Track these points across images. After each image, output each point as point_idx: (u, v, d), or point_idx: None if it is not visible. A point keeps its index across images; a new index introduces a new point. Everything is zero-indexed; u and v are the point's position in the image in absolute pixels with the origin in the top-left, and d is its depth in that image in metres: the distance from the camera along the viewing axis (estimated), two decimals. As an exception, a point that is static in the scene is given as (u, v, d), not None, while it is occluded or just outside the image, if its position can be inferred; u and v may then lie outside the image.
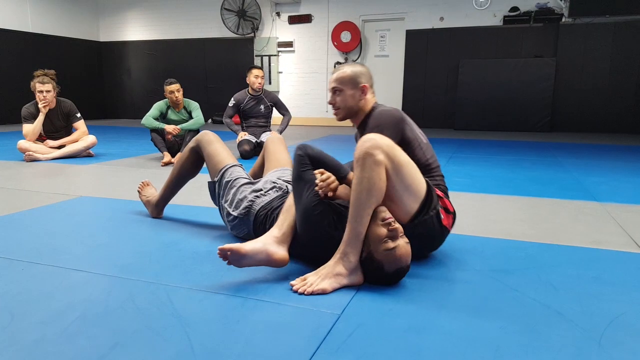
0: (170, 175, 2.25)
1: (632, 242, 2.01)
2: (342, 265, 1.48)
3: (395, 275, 1.48)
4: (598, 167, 4.10)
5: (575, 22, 7.69)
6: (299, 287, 1.45)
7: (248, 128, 4.86)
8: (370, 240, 1.47)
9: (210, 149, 2.09)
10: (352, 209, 1.49)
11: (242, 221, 1.90)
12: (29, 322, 1.27)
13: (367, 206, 1.47)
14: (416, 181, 1.58)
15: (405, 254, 1.46)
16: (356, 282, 1.50)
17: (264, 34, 9.65)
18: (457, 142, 6.29)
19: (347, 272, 1.48)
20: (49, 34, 9.66)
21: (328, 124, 9.44)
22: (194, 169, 2.21)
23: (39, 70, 4.36)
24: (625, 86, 7.60)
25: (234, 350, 1.12)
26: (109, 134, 7.17)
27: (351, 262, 1.48)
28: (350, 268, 1.48)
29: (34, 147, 4.30)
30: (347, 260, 1.48)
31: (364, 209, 1.47)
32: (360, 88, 1.82)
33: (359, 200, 1.47)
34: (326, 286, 1.45)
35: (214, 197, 2.08)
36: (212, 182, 2.07)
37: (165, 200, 2.31)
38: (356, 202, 1.47)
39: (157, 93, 5.15)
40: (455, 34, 8.34)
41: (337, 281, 1.47)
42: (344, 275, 1.48)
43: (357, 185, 1.48)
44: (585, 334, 1.22)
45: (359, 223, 1.47)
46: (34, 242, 1.95)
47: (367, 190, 1.46)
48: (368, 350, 1.13)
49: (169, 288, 1.48)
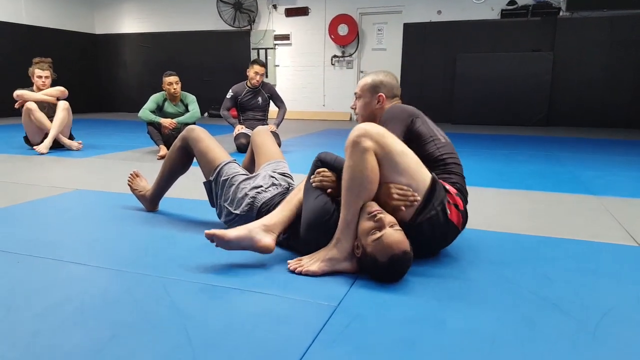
0: (160, 171, 2.22)
1: (628, 235, 2.02)
2: (335, 251, 1.52)
3: (392, 266, 1.43)
4: (594, 161, 4.12)
5: (573, 16, 7.68)
6: (293, 266, 1.53)
7: (245, 121, 4.84)
8: (360, 235, 1.48)
9: (201, 146, 2.02)
10: (342, 197, 1.53)
11: (242, 218, 1.86)
12: (26, 315, 1.26)
13: (354, 193, 1.50)
14: (413, 169, 1.55)
15: (394, 241, 1.41)
16: (348, 269, 1.52)
17: (261, 27, 9.61)
18: (454, 136, 6.29)
19: (339, 257, 1.51)
20: (44, 26, 9.58)
21: (325, 118, 9.43)
22: (183, 167, 2.18)
23: (37, 57, 4.43)
24: (622, 80, 7.61)
25: (231, 341, 1.13)
26: (105, 127, 7.14)
27: (344, 248, 1.51)
28: (343, 254, 1.51)
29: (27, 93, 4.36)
30: (340, 246, 1.52)
31: (351, 196, 1.50)
32: (377, 97, 1.90)
33: (346, 188, 1.51)
34: (316, 269, 1.50)
35: (211, 197, 2.03)
36: (207, 181, 2.01)
37: (159, 195, 2.29)
38: (345, 191, 1.52)
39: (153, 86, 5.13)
40: (452, 28, 8.32)
41: (328, 265, 1.51)
42: (337, 260, 1.51)
43: (345, 174, 1.52)
44: (580, 325, 1.22)
45: (348, 211, 1.51)
46: (29, 235, 1.94)
47: (353, 179, 1.49)
48: (365, 342, 1.13)
49: (166, 280, 1.48)
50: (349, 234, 1.51)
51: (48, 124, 4.35)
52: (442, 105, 8.56)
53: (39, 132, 4.40)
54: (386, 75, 1.93)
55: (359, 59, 9.13)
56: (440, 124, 8.17)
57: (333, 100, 9.40)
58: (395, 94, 1.94)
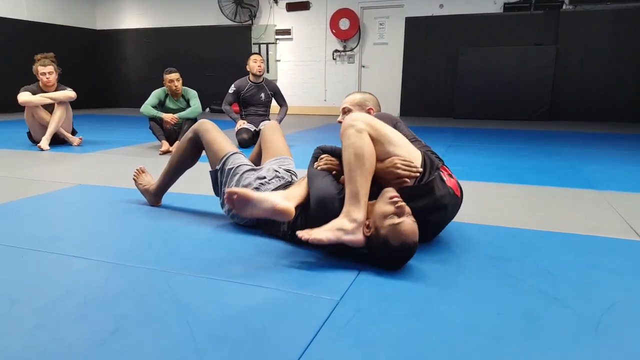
0: (168, 164, 2.24)
1: (630, 229, 2.02)
2: (345, 221, 1.54)
3: (401, 252, 1.48)
4: (597, 155, 4.10)
5: (576, 9, 7.63)
6: (303, 234, 1.53)
7: (247, 116, 4.84)
8: (377, 217, 1.50)
9: (209, 137, 2.08)
10: (345, 174, 1.58)
11: None
12: (30, 308, 1.27)
13: (357, 167, 1.55)
14: (407, 143, 1.70)
15: (410, 231, 1.47)
16: (355, 241, 1.53)
17: (262, 22, 9.58)
18: (456, 130, 6.28)
19: (348, 228, 1.53)
20: (45, 22, 9.57)
21: (326, 113, 9.41)
22: (192, 159, 2.20)
23: (38, 54, 4.37)
24: (625, 74, 7.57)
25: (234, 335, 1.13)
26: (107, 123, 7.15)
27: (354, 219, 1.53)
28: (352, 223, 1.53)
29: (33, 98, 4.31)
30: (350, 218, 1.54)
31: (354, 171, 1.55)
32: (366, 110, 2.08)
33: (348, 165, 1.57)
34: (322, 237, 1.51)
35: (216, 186, 2.07)
36: (213, 170, 2.05)
37: (164, 189, 2.30)
38: (347, 168, 1.58)
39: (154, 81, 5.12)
40: (455, 21, 8.28)
41: (336, 235, 1.52)
42: (345, 231, 1.52)
43: (345, 153, 1.60)
44: (582, 320, 1.23)
45: (353, 184, 1.55)
46: (33, 230, 1.95)
47: (354, 154, 1.56)
48: (367, 336, 1.14)
49: (169, 274, 1.49)
50: (358, 205, 1.54)
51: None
52: (444, 99, 8.54)
53: (42, 129, 4.40)
54: (370, 95, 2.17)
55: (361, 53, 9.10)
56: (443, 119, 8.19)
57: (334, 95, 9.39)
58: (379, 110, 2.14)
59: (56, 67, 4.41)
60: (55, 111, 4.38)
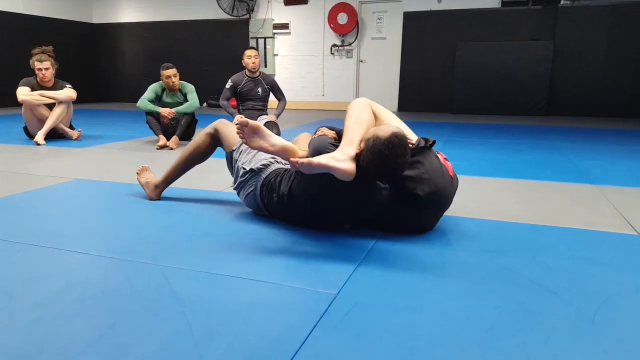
0: (179, 157, 2.26)
1: (627, 223, 2.02)
2: (337, 153, 1.59)
3: (389, 144, 1.52)
4: (594, 150, 4.11)
5: (574, 4, 7.62)
6: (294, 161, 1.60)
7: (245, 111, 4.82)
8: (366, 137, 1.60)
9: (229, 129, 2.18)
10: (345, 129, 1.68)
11: (254, 177, 1.96)
12: (27, 303, 1.27)
13: (356, 123, 1.67)
14: (404, 124, 1.81)
15: (395, 128, 1.57)
16: (344, 168, 1.54)
17: (260, 16, 9.53)
18: (454, 125, 6.28)
19: (339, 157, 1.56)
20: (41, 15, 9.50)
21: (324, 108, 9.40)
22: (206, 155, 2.25)
23: (36, 48, 4.30)
24: (622, 70, 7.58)
25: (232, 329, 1.13)
26: (104, 117, 7.12)
27: (346, 152, 1.58)
28: (343, 155, 1.57)
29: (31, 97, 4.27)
30: (343, 152, 1.59)
31: (353, 125, 1.66)
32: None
33: (349, 123, 1.68)
34: (313, 160, 1.56)
35: (231, 165, 2.14)
36: (229, 151, 2.12)
37: (168, 183, 2.33)
38: (347, 125, 1.68)
39: (151, 75, 5.09)
40: (453, 16, 8.26)
41: (327, 161, 1.55)
42: (335, 158, 1.56)
43: (347, 118, 1.71)
44: (579, 313, 1.23)
45: (350, 132, 1.64)
46: (29, 225, 1.94)
47: (356, 116, 1.70)
48: (364, 329, 1.14)
49: (166, 269, 1.49)
50: (352, 145, 1.60)
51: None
52: (442, 94, 8.53)
53: (40, 123, 4.36)
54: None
55: (359, 48, 9.08)
56: (440, 114, 8.18)
57: (332, 90, 9.37)
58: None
59: (53, 61, 4.34)
60: (55, 108, 4.34)
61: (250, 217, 2.06)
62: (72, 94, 4.43)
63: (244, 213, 2.12)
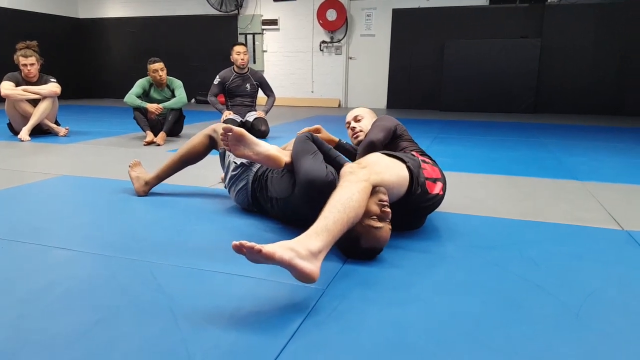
0: (175, 155, 2.26)
1: (611, 219, 2.05)
2: (300, 246, 1.22)
3: (367, 252, 1.53)
4: (579, 147, 4.16)
5: (561, 2, 7.69)
6: (256, 246, 1.16)
7: (233, 107, 4.80)
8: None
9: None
10: (326, 206, 1.38)
11: (245, 172, 1.97)
12: (11, 299, 1.25)
13: (342, 212, 1.35)
14: (399, 176, 1.64)
15: (384, 238, 1.52)
16: (305, 271, 1.18)
17: (248, 12, 9.47)
18: (442, 122, 6.31)
19: (304, 252, 1.21)
20: (25, 9, 9.33)
21: (313, 105, 9.38)
22: (202, 155, 2.25)
23: (20, 42, 4.22)
24: (608, 68, 7.67)
25: (219, 324, 1.13)
26: (90, 113, 7.03)
27: (309, 249, 1.22)
28: (306, 250, 1.22)
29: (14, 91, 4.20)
30: (306, 246, 1.23)
31: (336, 212, 1.35)
32: (372, 120, 2.25)
33: (335, 203, 1.39)
34: (275, 254, 1.16)
35: (223, 162, 2.15)
36: (223, 148, 2.12)
37: (159, 180, 2.32)
38: (332, 203, 1.39)
39: (138, 71, 5.02)
40: (441, 14, 8.29)
41: (290, 257, 1.17)
42: (300, 255, 1.19)
43: (335, 192, 1.44)
44: (564, 307, 1.25)
45: (328, 219, 1.33)
46: (14, 221, 1.91)
47: (346, 199, 1.40)
48: (352, 323, 1.14)
49: (153, 265, 1.47)
50: (318, 238, 1.27)
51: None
52: (430, 91, 8.56)
53: (24, 120, 4.30)
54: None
55: (348, 45, 9.07)
56: (429, 111, 8.22)
57: (321, 87, 9.35)
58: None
59: (38, 57, 4.28)
60: (40, 103, 4.28)
61: (238, 213, 2.05)
62: (56, 88, 4.37)
63: (232, 208, 2.11)
